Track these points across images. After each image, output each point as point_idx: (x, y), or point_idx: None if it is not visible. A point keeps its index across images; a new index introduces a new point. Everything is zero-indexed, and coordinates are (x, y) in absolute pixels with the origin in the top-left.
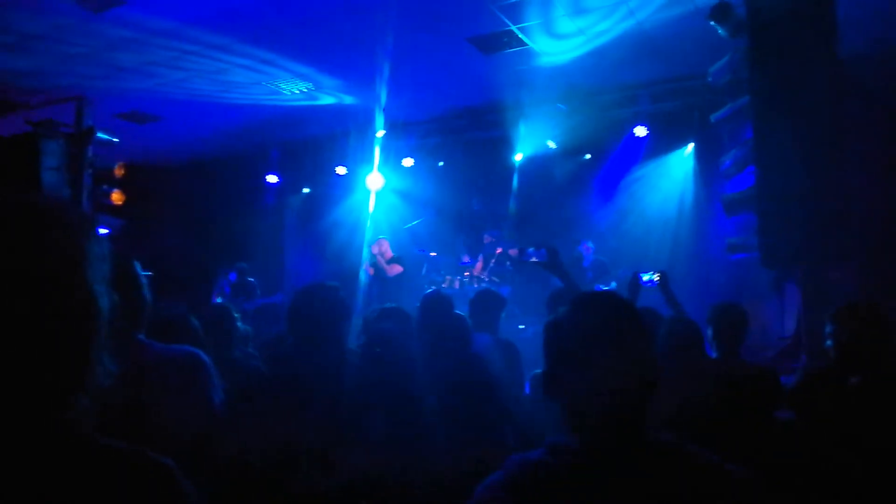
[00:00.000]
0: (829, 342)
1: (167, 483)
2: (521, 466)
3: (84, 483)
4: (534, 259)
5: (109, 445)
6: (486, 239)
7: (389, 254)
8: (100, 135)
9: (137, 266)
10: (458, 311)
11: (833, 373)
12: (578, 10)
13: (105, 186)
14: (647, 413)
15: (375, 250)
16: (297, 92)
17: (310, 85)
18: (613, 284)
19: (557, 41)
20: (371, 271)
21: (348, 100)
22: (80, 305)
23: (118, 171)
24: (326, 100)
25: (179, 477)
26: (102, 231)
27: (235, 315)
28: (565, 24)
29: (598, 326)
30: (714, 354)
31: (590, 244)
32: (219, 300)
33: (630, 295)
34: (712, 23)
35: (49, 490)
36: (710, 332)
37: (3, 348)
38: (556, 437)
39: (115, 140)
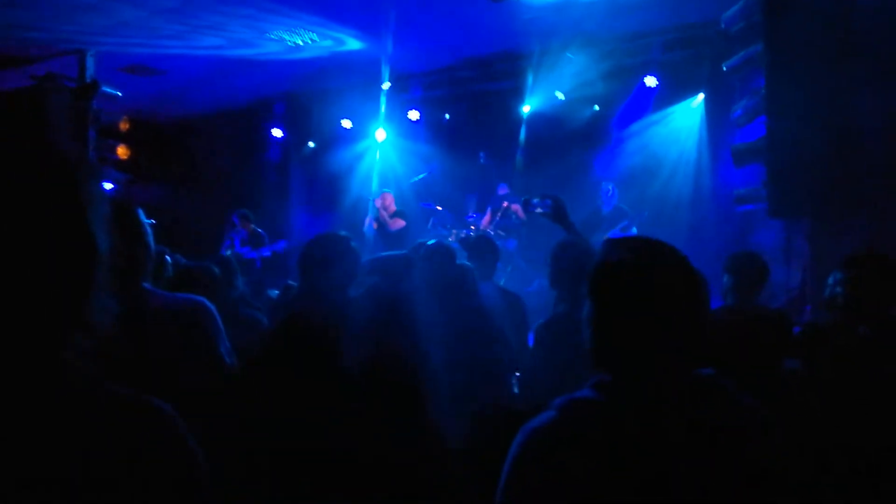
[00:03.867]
0: (835, 290)
1: (164, 426)
2: (571, 406)
3: (78, 422)
4: (539, 210)
5: (107, 387)
6: (501, 191)
7: (393, 208)
8: (105, 88)
9: (141, 214)
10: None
11: (840, 322)
12: None
13: (110, 141)
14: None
15: (378, 204)
16: (301, 43)
17: (314, 35)
18: (634, 230)
19: None
20: (375, 225)
21: (353, 48)
22: (78, 242)
23: (123, 125)
24: (331, 50)
25: (178, 422)
26: (108, 186)
27: (236, 267)
28: None
29: (655, 272)
30: (729, 302)
31: (611, 186)
32: (227, 252)
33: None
34: None
35: (41, 428)
36: (728, 280)
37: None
38: (600, 376)
39: (118, 94)
